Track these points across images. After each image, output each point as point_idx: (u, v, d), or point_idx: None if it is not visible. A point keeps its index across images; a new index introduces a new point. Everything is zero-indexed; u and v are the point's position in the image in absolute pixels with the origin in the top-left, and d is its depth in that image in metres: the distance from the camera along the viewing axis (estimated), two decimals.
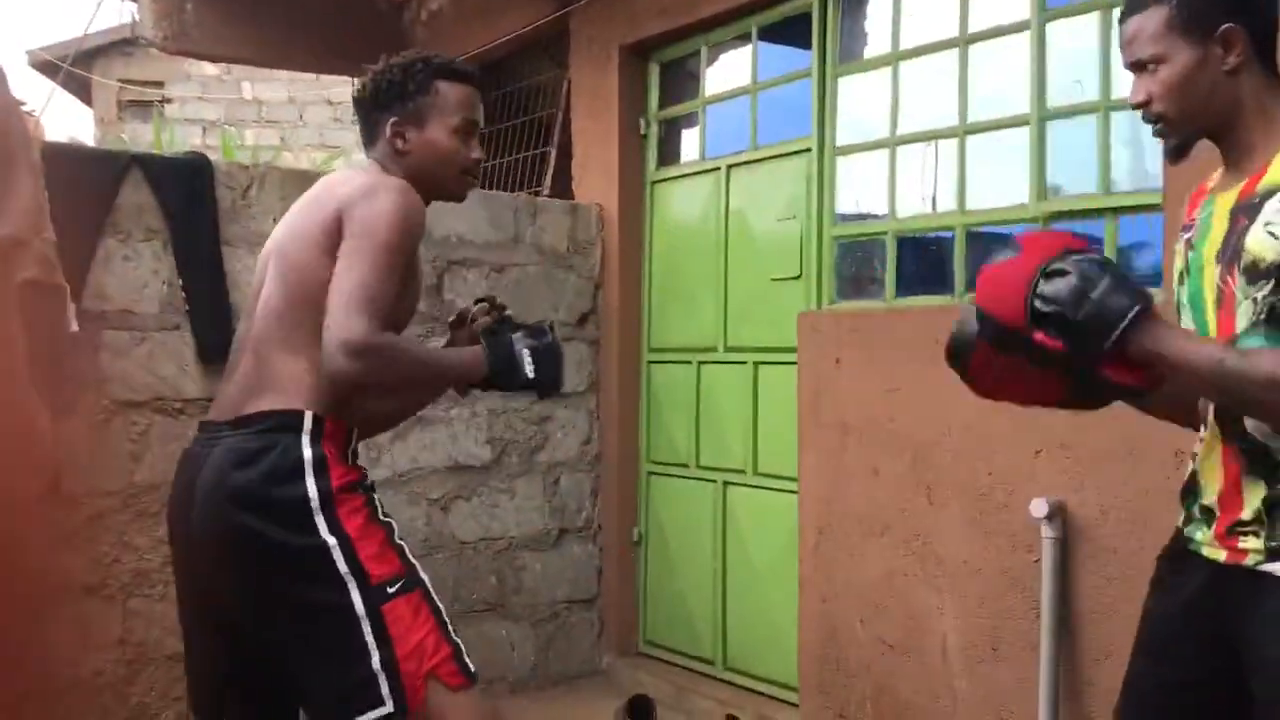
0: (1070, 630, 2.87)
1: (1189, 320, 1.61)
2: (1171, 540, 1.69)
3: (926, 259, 3.61)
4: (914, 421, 3.27)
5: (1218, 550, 1.57)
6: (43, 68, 10.65)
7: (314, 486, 1.82)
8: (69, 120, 39.76)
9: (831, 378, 3.54)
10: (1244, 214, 1.52)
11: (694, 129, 4.53)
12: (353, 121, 2.26)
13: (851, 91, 3.75)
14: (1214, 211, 1.60)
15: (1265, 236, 1.48)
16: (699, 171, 4.40)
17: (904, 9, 3.56)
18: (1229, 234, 1.54)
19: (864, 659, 3.41)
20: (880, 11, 3.67)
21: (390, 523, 1.89)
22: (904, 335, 3.33)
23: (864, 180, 3.72)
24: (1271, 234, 1.48)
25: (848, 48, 3.79)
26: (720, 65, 4.43)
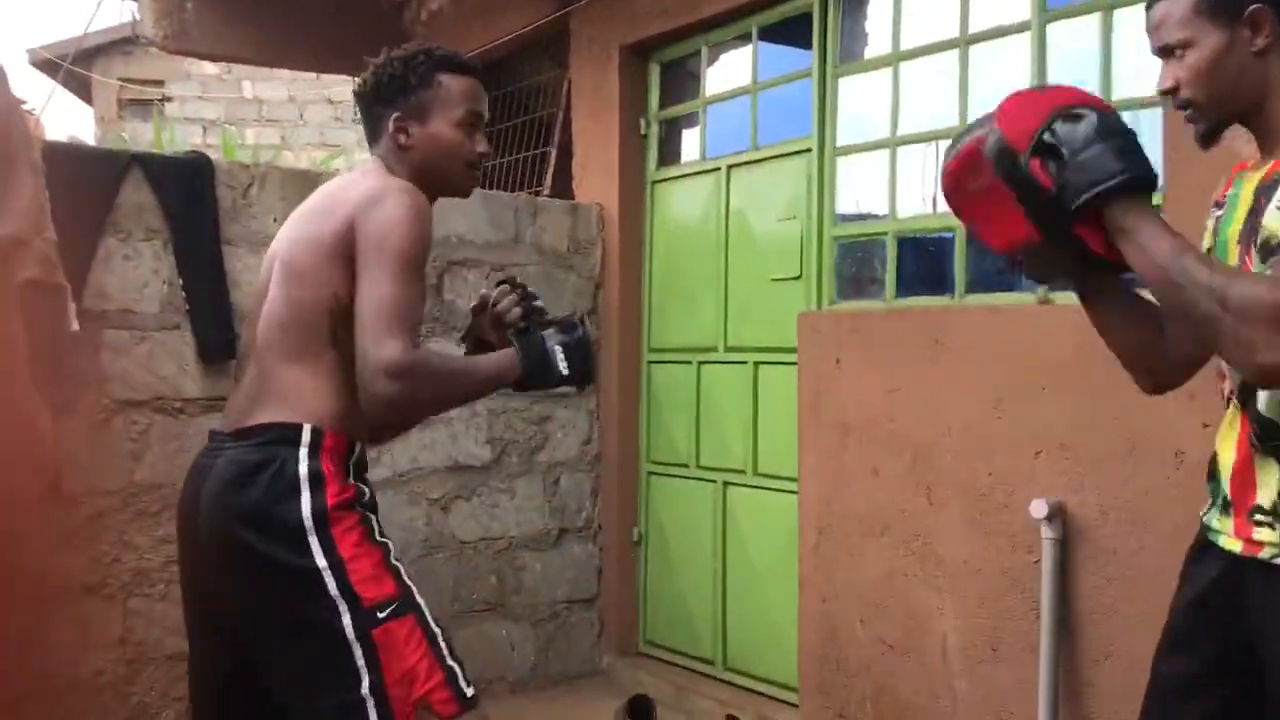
0: (1070, 631, 2.87)
1: None
2: (1197, 532, 1.68)
3: (927, 259, 3.61)
4: (914, 422, 3.27)
5: (1234, 541, 1.56)
6: (43, 66, 10.65)
7: (308, 505, 1.78)
8: (69, 119, 39.81)
9: (831, 378, 3.54)
10: (1265, 195, 1.51)
11: (694, 129, 4.53)
12: (354, 120, 2.25)
13: (852, 92, 3.74)
14: (1240, 193, 1.58)
15: (1278, 213, 1.47)
16: (699, 171, 4.40)
17: (904, 9, 3.56)
18: (1250, 214, 1.53)
19: (864, 659, 3.41)
20: (881, 12, 3.67)
21: (387, 543, 1.85)
22: (904, 335, 3.33)
23: (864, 180, 3.71)
24: None
25: (848, 48, 3.79)
26: (721, 65, 4.42)
